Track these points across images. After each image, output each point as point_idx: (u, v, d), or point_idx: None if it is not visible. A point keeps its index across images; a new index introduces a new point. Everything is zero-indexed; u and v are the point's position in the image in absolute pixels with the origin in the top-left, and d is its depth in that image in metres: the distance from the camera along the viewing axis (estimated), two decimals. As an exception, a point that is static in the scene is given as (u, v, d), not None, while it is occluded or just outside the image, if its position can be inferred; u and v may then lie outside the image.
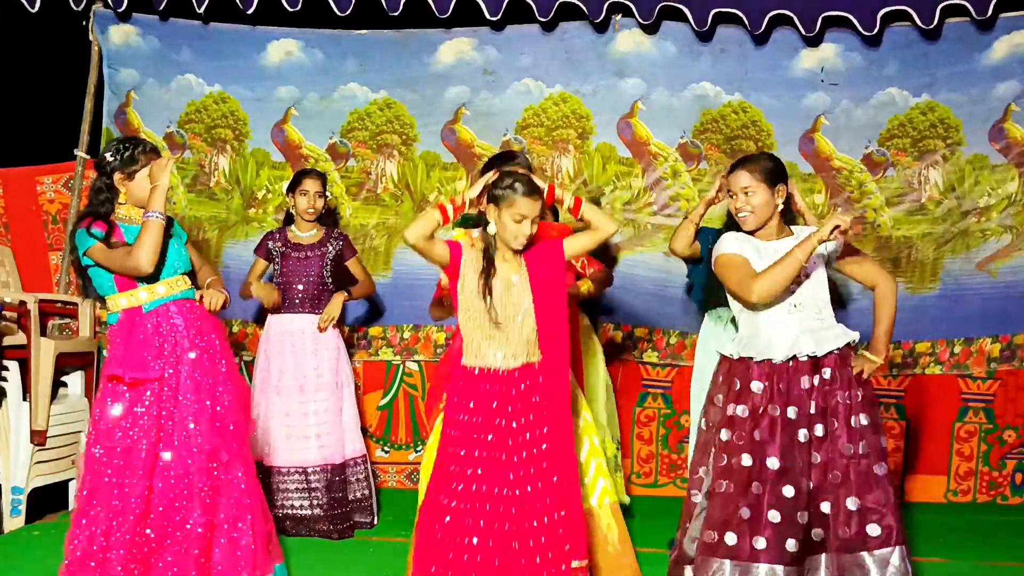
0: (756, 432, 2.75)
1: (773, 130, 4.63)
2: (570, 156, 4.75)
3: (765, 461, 2.73)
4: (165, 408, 2.92)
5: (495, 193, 2.78)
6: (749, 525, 2.71)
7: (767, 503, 2.71)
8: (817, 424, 2.77)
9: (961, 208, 4.64)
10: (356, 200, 4.82)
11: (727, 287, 2.88)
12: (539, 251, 2.87)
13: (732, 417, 2.80)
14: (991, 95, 4.54)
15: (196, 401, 2.94)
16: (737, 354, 2.84)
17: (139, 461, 2.87)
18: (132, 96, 4.81)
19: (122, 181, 2.98)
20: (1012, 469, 4.62)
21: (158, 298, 2.97)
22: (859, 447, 2.75)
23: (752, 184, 2.82)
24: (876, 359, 2.84)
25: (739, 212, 2.86)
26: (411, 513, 4.11)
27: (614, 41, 4.64)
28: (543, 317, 2.80)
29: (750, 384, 2.79)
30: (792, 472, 2.73)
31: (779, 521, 2.70)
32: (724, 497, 2.76)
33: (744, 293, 2.78)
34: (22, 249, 4.84)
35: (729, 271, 2.83)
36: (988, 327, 4.62)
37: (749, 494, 2.73)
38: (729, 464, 2.77)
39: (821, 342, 2.79)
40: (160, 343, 2.94)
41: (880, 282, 2.92)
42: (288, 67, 4.75)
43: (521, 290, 2.79)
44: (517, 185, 2.76)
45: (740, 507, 2.72)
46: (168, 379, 2.93)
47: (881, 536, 2.71)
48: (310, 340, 4.04)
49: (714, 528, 2.76)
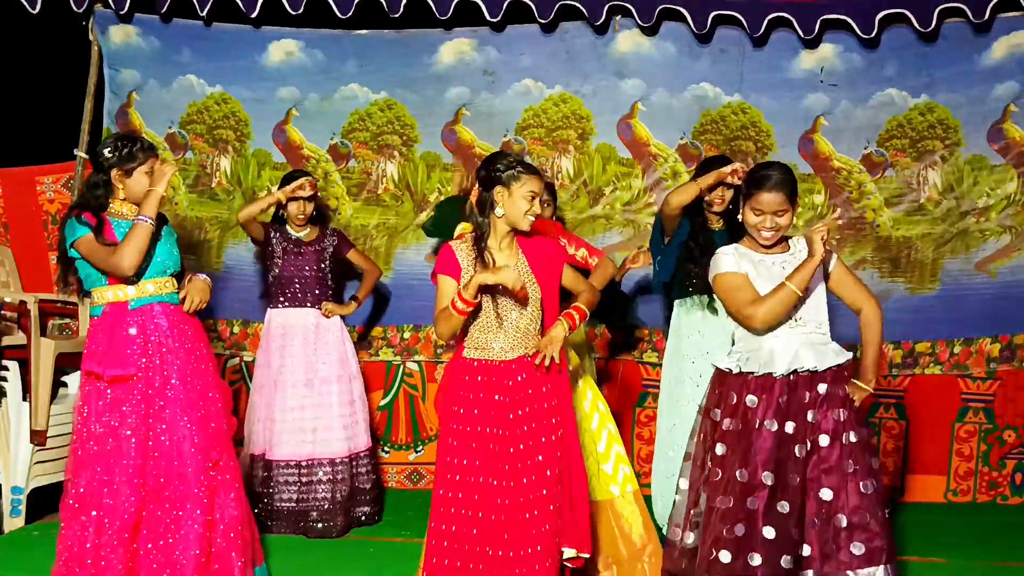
0: (752, 447, 2.73)
1: (773, 131, 4.65)
2: (570, 157, 4.75)
3: (761, 476, 2.71)
4: (153, 407, 2.90)
5: (501, 176, 2.75)
6: (744, 542, 2.69)
7: (762, 519, 2.69)
8: (811, 440, 2.76)
9: (960, 208, 4.65)
10: (357, 201, 4.82)
11: (727, 308, 2.87)
12: (537, 244, 2.89)
13: (727, 432, 2.78)
14: (990, 96, 4.55)
15: (187, 402, 2.93)
16: (737, 368, 2.81)
17: (128, 460, 2.86)
18: (134, 97, 4.81)
19: (119, 178, 2.98)
20: (1012, 469, 4.62)
21: (145, 295, 2.97)
22: (848, 465, 2.75)
23: (785, 206, 2.81)
24: (866, 387, 2.84)
25: (763, 231, 2.82)
26: (411, 513, 4.14)
27: (614, 42, 4.65)
28: (546, 306, 2.82)
29: (745, 398, 2.77)
30: (787, 488, 2.72)
31: (773, 537, 2.68)
32: (721, 513, 2.73)
33: (747, 321, 2.78)
34: (22, 249, 4.84)
35: (730, 295, 2.82)
36: (987, 327, 4.63)
37: (745, 509, 2.70)
38: (723, 479, 2.75)
39: (822, 357, 2.79)
40: (144, 341, 2.93)
41: (864, 306, 2.89)
42: (289, 68, 4.75)
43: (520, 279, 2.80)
44: (520, 165, 2.77)
45: (735, 523, 2.70)
46: (152, 379, 2.91)
47: (865, 555, 2.69)
48: (312, 334, 4.07)
49: (711, 545, 2.73)
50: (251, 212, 4.01)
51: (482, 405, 2.80)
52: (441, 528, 2.79)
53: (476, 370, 2.81)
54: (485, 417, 2.79)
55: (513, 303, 2.79)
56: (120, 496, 2.85)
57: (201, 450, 2.92)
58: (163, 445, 2.90)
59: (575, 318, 2.79)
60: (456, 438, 2.81)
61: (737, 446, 2.75)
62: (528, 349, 2.79)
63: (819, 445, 2.75)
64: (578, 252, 3.50)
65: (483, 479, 2.77)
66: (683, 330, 3.71)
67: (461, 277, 2.77)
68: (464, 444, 2.79)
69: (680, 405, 3.67)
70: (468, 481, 2.78)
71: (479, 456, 2.78)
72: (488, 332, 2.80)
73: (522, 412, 2.79)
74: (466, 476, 2.78)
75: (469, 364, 2.82)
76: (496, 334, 2.79)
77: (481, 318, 2.80)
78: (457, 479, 2.78)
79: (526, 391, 2.79)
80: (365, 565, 3.62)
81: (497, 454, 2.77)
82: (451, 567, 2.77)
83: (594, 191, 4.75)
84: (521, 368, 2.80)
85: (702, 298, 3.66)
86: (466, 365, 2.83)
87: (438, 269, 2.82)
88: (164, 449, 2.90)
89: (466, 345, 2.84)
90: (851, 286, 2.90)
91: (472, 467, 2.78)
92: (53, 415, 4.08)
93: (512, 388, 2.79)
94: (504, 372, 2.80)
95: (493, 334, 2.79)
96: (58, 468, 4.13)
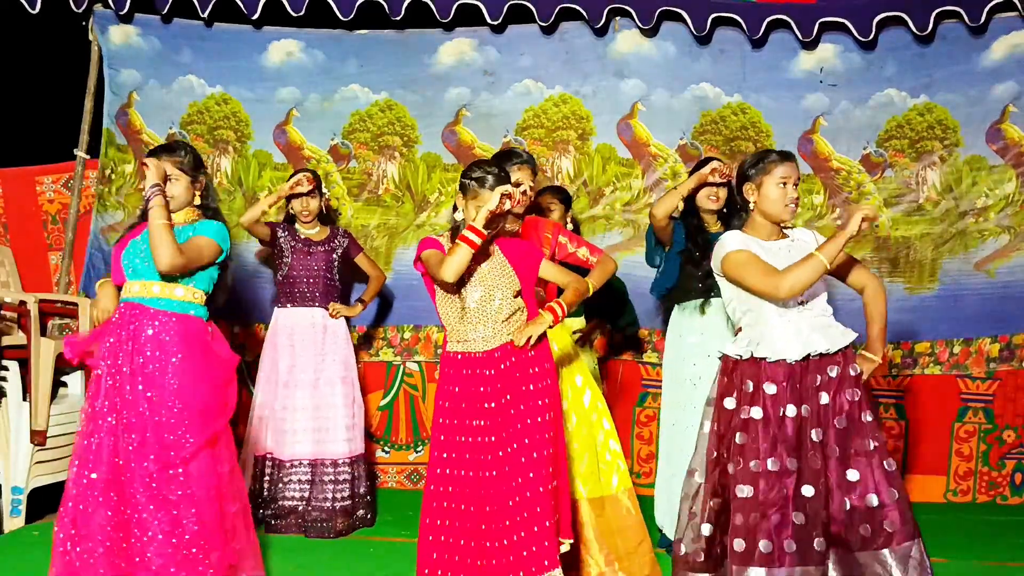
0: (773, 434, 2.72)
1: (772, 131, 4.66)
2: (570, 157, 4.76)
3: (785, 462, 2.70)
4: (123, 407, 2.86)
5: (465, 184, 2.82)
6: (779, 529, 2.67)
7: (791, 505, 2.68)
8: (828, 422, 2.76)
9: (959, 209, 4.66)
10: (357, 201, 4.83)
11: (746, 283, 2.80)
12: (514, 243, 2.95)
13: (748, 420, 2.75)
14: (989, 96, 4.57)
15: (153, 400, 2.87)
16: (748, 354, 2.79)
17: (104, 454, 2.84)
18: (134, 97, 4.81)
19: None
20: (1011, 469, 4.63)
21: (131, 296, 2.94)
22: (869, 444, 2.76)
23: (799, 179, 2.86)
24: (875, 358, 2.86)
25: (790, 203, 2.83)
26: (411, 513, 4.13)
27: (614, 42, 4.66)
28: (525, 299, 2.86)
29: (763, 385, 2.76)
30: (810, 471, 2.71)
31: (803, 522, 2.68)
32: (747, 503, 2.70)
33: (771, 289, 2.73)
34: (22, 249, 4.84)
35: (748, 268, 2.78)
36: (987, 327, 4.64)
37: (778, 496, 2.69)
38: (747, 468, 2.73)
39: (832, 339, 2.79)
40: (115, 337, 2.91)
41: (867, 283, 2.93)
42: (289, 68, 4.76)
43: (498, 273, 2.83)
44: (491, 177, 2.79)
45: (768, 512, 2.68)
46: (120, 374, 2.87)
47: (900, 531, 2.70)
48: (319, 334, 4.06)
49: (743, 536, 2.70)
50: (253, 215, 4.01)
51: (468, 398, 2.82)
52: (433, 523, 2.81)
53: (460, 363, 2.85)
54: (472, 409, 2.82)
55: (486, 292, 2.81)
56: (95, 492, 2.84)
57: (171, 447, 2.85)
58: (132, 442, 2.86)
59: (557, 311, 2.82)
60: (444, 432, 2.84)
61: (759, 434, 2.73)
62: (511, 335, 2.81)
63: (835, 426, 2.75)
64: (579, 251, 3.51)
65: (472, 472, 2.78)
66: (683, 332, 3.70)
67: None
68: (451, 438, 2.82)
69: (681, 407, 3.67)
70: (457, 475, 2.79)
71: (468, 449, 2.79)
72: (467, 323, 2.82)
73: (506, 399, 2.80)
74: (455, 470, 2.79)
75: (453, 358, 2.86)
76: (475, 325, 2.82)
77: (459, 309, 2.83)
78: (447, 472, 2.80)
79: (511, 376, 2.81)
80: (365, 565, 3.62)
81: (486, 445, 2.79)
82: (444, 560, 2.78)
83: (594, 191, 4.75)
84: (505, 356, 2.81)
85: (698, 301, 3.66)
86: (451, 359, 2.87)
87: (421, 248, 2.86)
88: (134, 445, 2.85)
89: (448, 339, 2.88)
90: (852, 266, 2.95)
91: (461, 460, 2.80)
92: (53, 415, 4.07)
93: (495, 377, 2.81)
94: (487, 362, 2.82)
95: (472, 325, 2.82)
96: (58, 468, 4.13)
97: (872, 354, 2.86)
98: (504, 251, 2.91)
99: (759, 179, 2.84)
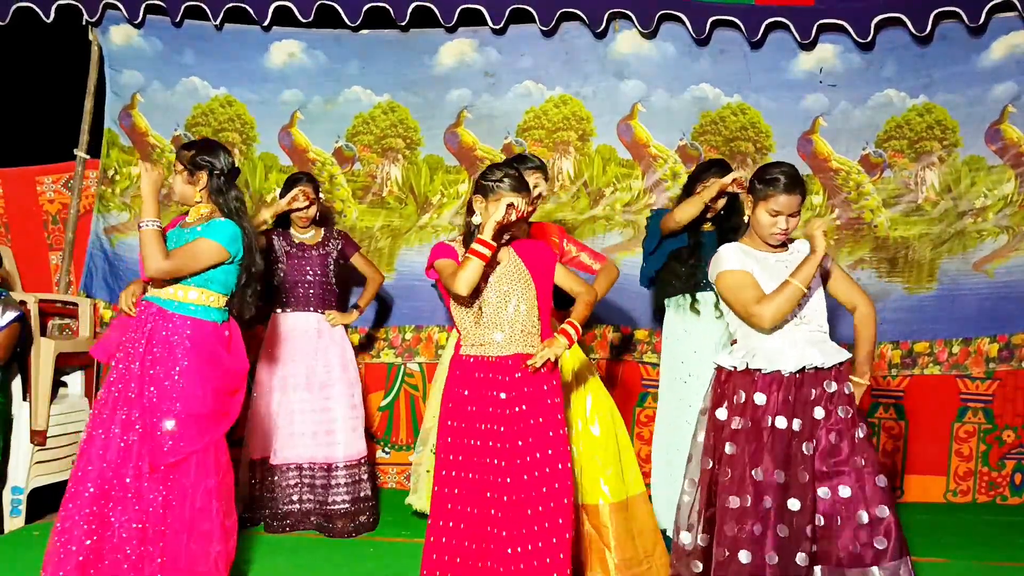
0: (764, 445, 2.73)
1: (772, 131, 4.67)
2: (571, 158, 4.77)
3: (772, 474, 2.71)
4: (127, 404, 2.90)
5: (483, 186, 2.81)
6: (761, 541, 2.68)
7: (775, 517, 2.69)
8: (820, 436, 2.77)
9: (957, 209, 4.68)
10: (362, 203, 4.83)
11: (732, 308, 2.86)
12: (530, 246, 2.93)
13: (737, 431, 2.77)
14: (988, 97, 4.59)
15: (154, 400, 2.90)
16: (744, 365, 2.80)
17: (103, 450, 2.86)
18: (137, 98, 4.81)
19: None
20: (1011, 469, 4.64)
21: (151, 295, 3.02)
22: (860, 460, 2.76)
23: (799, 208, 2.83)
24: (864, 381, 2.89)
25: (776, 233, 2.83)
26: (411, 513, 4.13)
27: (614, 43, 4.67)
28: (540, 304, 2.85)
29: (754, 396, 2.77)
30: (798, 485, 2.72)
31: (787, 535, 2.69)
32: (734, 513, 2.72)
33: (755, 321, 2.77)
34: (22, 249, 4.84)
35: (736, 294, 2.81)
36: (986, 327, 4.64)
37: (760, 508, 2.70)
38: (734, 478, 2.74)
39: (827, 354, 2.81)
40: (130, 335, 2.96)
41: (860, 304, 2.94)
42: (291, 69, 4.76)
43: (513, 277, 2.82)
44: (508, 179, 2.79)
45: (752, 523, 2.69)
46: (128, 371, 2.91)
47: (889, 549, 2.70)
48: (316, 338, 4.05)
49: (727, 546, 2.71)
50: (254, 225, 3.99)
51: (477, 401, 2.81)
52: (440, 525, 2.80)
53: (472, 366, 2.83)
54: (483, 414, 2.80)
55: (502, 297, 2.80)
56: (86, 484, 2.87)
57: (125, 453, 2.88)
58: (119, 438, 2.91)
59: (571, 334, 2.80)
60: (451, 435, 2.82)
61: (748, 445, 2.74)
62: (526, 347, 2.80)
63: (829, 441, 2.76)
64: (582, 255, 3.52)
65: (482, 476, 2.77)
66: (674, 330, 3.75)
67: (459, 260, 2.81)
68: (458, 440, 2.81)
69: (676, 406, 3.68)
70: (465, 477, 2.78)
71: (477, 453, 2.78)
72: (483, 328, 2.81)
73: (521, 408, 2.78)
74: (464, 472, 2.78)
75: (466, 361, 2.84)
76: (491, 330, 2.80)
77: (477, 314, 2.81)
78: (454, 475, 2.79)
79: (526, 386, 2.80)
80: (366, 565, 3.61)
81: (499, 450, 2.77)
82: (451, 563, 2.77)
83: (594, 192, 4.76)
84: (518, 364, 2.80)
85: (685, 298, 3.71)
86: (463, 362, 2.85)
87: (435, 257, 2.85)
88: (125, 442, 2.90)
89: (463, 343, 2.86)
90: (847, 285, 2.98)
91: (469, 463, 2.78)
92: (53, 415, 4.07)
93: (508, 384, 2.80)
94: (501, 368, 2.80)
95: (487, 330, 2.81)
96: (58, 468, 4.13)
97: (859, 378, 2.88)
98: (519, 253, 2.90)
99: (757, 199, 2.84)
